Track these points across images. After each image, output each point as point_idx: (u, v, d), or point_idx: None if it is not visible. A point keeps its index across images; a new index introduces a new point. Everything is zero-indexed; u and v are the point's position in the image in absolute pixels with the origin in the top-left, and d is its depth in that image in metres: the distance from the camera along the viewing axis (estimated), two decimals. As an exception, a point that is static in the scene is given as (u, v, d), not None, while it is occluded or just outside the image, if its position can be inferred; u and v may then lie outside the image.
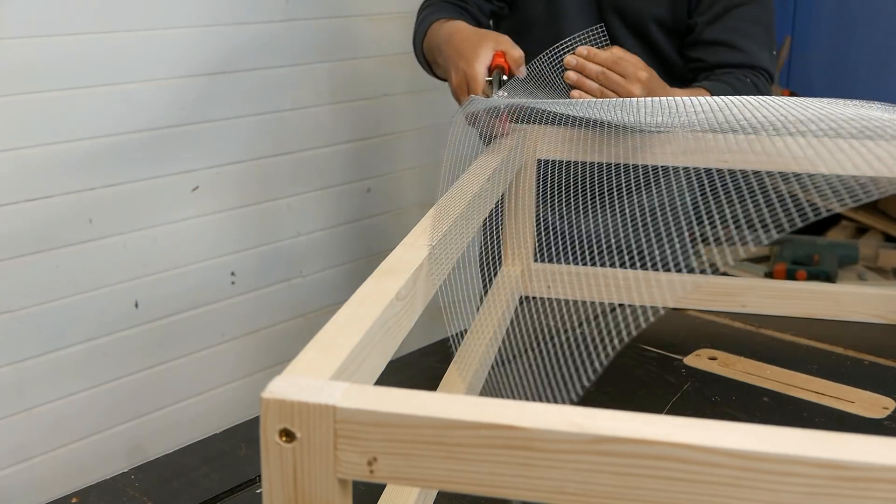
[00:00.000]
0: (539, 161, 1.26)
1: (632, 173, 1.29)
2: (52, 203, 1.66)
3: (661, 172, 1.43)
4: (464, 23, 1.29)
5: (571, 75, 1.14)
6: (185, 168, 1.85)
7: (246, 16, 1.90)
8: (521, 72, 1.15)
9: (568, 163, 1.28)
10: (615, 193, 1.38)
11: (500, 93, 1.08)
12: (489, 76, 1.12)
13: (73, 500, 0.93)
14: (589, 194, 1.32)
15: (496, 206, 1.15)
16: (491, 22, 1.51)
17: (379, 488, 0.83)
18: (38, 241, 1.65)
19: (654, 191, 1.42)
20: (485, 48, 1.14)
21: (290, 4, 1.97)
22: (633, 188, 1.42)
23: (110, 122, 1.71)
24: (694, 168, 1.16)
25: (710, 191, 0.96)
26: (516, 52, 1.15)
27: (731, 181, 0.89)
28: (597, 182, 1.31)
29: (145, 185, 1.79)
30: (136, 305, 1.81)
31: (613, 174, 1.23)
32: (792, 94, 3.36)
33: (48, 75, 1.62)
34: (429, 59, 1.35)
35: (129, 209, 1.77)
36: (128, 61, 1.72)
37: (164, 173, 1.81)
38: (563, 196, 1.30)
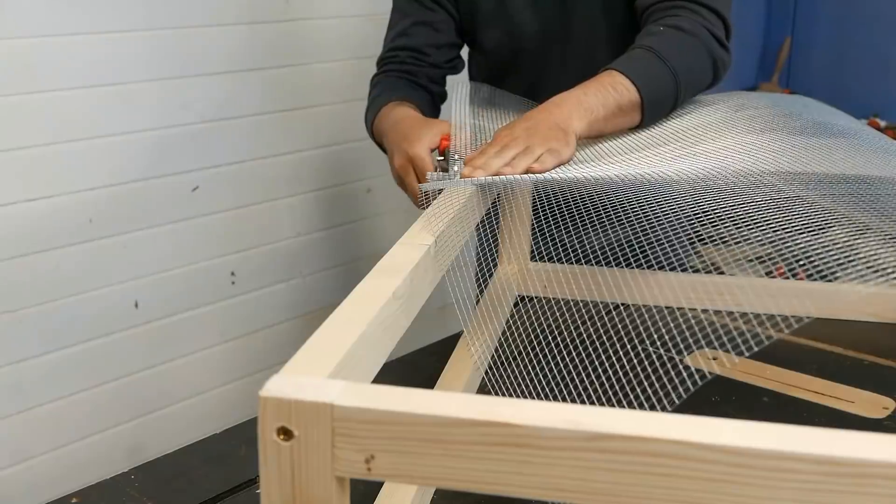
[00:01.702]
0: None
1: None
2: (52, 203, 1.66)
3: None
4: (412, 110, 1.27)
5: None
6: (185, 168, 1.85)
7: (246, 16, 1.90)
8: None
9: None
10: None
11: (455, 168, 1.02)
12: (439, 156, 1.08)
13: (73, 500, 0.93)
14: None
15: (493, 205, 1.15)
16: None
17: (377, 486, 0.83)
18: (38, 241, 1.65)
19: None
20: (429, 131, 1.11)
21: (290, 4, 1.98)
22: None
23: (110, 122, 1.71)
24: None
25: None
26: (464, 134, 1.11)
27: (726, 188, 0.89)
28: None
29: (145, 185, 1.79)
30: (136, 305, 1.82)
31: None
32: (792, 94, 3.36)
33: (48, 75, 1.62)
34: (377, 140, 1.33)
35: (129, 209, 1.77)
36: (128, 61, 1.72)
37: (164, 173, 1.82)
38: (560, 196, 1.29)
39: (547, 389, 0.88)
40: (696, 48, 1.19)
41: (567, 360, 0.88)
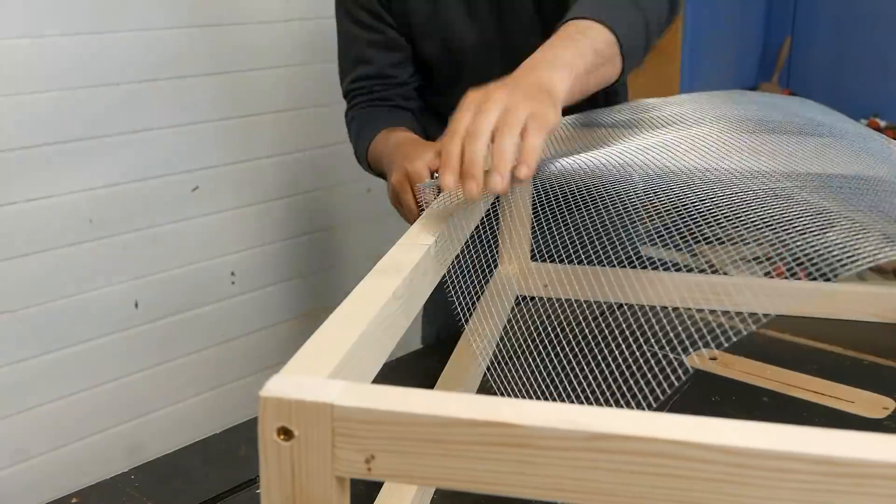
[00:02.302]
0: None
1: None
2: (52, 203, 1.66)
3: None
4: (409, 133, 1.24)
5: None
6: (185, 168, 1.85)
7: (246, 16, 1.90)
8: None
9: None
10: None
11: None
12: (437, 175, 1.03)
13: (73, 500, 0.93)
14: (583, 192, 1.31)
15: (493, 205, 1.15)
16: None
17: (377, 486, 0.83)
18: (38, 241, 1.65)
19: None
20: (429, 152, 1.08)
21: (290, 4, 1.98)
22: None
23: (110, 122, 1.72)
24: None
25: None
26: None
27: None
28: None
29: (145, 185, 1.79)
30: (136, 305, 1.82)
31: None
32: (792, 94, 3.36)
33: (48, 75, 1.62)
34: (376, 170, 1.29)
35: (129, 209, 1.77)
36: (128, 61, 1.72)
37: (164, 173, 1.82)
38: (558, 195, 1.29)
39: (547, 389, 0.88)
40: None
41: (567, 359, 0.88)
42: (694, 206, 0.82)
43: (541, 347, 1.09)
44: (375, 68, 1.36)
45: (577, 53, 0.95)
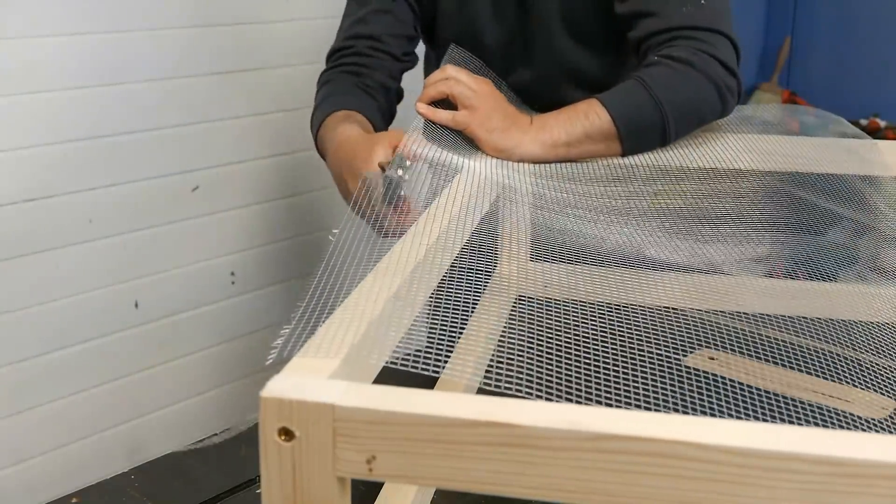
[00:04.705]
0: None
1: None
2: (52, 203, 1.66)
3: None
4: (353, 130, 1.19)
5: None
6: (185, 168, 1.85)
7: (246, 16, 1.90)
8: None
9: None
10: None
11: (399, 172, 0.99)
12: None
13: (73, 500, 0.93)
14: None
15: (493, 205, 1.15)
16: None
17: (377, 486, 0.83)
18: (38, 241, 1.65)
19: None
20: (380, 145, 1.07)
21: (291, 4, 1.98)
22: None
23: (110, 122, 1.71)
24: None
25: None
26: (417, 137, 1.08)
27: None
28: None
29: (145, 185, 1.79)
30: (136, 305, 1.82)
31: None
32: (792, 94, 3.36)
33: (48, 75, 1.62)
34: (320, 148, 1.26)
35: (129, 209, 1.77)
36: (128, 61, 1.72)
37: (164, 173, 1.82)
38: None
39: (547, 390, 0.88)
40: (688, 77, 1.16)
41: (567, 360, 0.88)
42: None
43: (541, 348, 1.09)
44: (372, 31, 1.33)
45: (565, 129, 1.13)
